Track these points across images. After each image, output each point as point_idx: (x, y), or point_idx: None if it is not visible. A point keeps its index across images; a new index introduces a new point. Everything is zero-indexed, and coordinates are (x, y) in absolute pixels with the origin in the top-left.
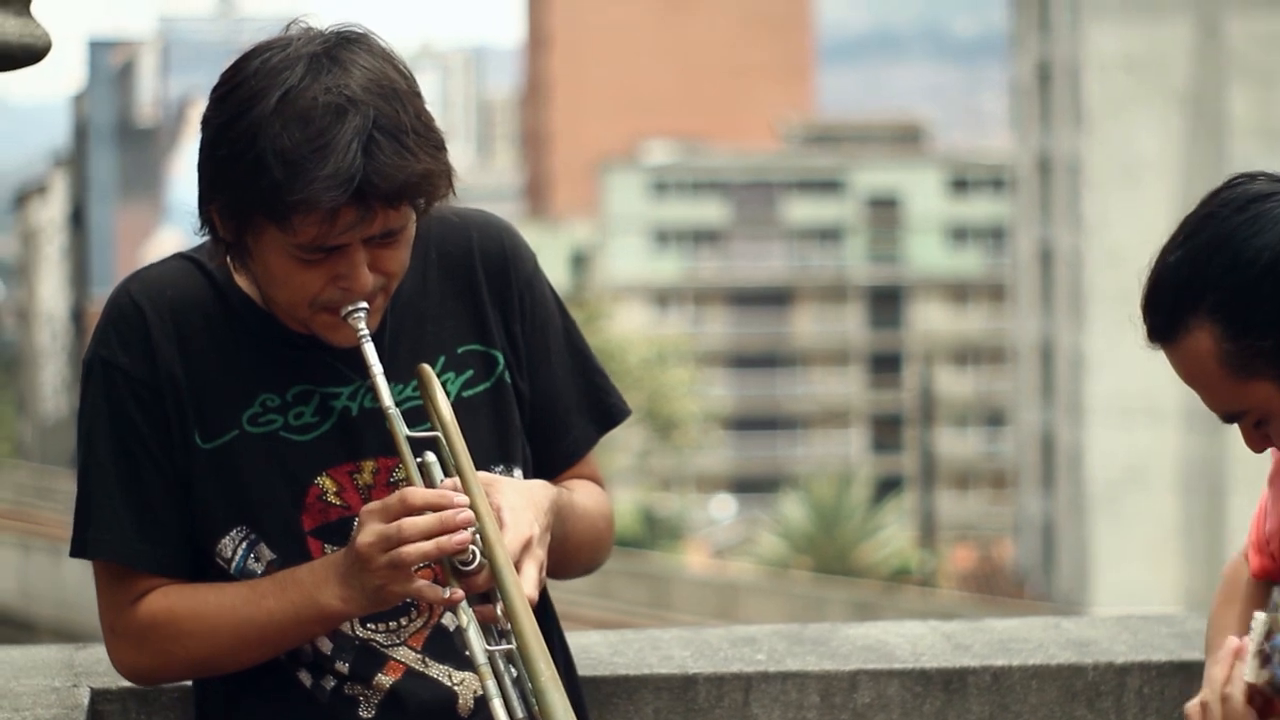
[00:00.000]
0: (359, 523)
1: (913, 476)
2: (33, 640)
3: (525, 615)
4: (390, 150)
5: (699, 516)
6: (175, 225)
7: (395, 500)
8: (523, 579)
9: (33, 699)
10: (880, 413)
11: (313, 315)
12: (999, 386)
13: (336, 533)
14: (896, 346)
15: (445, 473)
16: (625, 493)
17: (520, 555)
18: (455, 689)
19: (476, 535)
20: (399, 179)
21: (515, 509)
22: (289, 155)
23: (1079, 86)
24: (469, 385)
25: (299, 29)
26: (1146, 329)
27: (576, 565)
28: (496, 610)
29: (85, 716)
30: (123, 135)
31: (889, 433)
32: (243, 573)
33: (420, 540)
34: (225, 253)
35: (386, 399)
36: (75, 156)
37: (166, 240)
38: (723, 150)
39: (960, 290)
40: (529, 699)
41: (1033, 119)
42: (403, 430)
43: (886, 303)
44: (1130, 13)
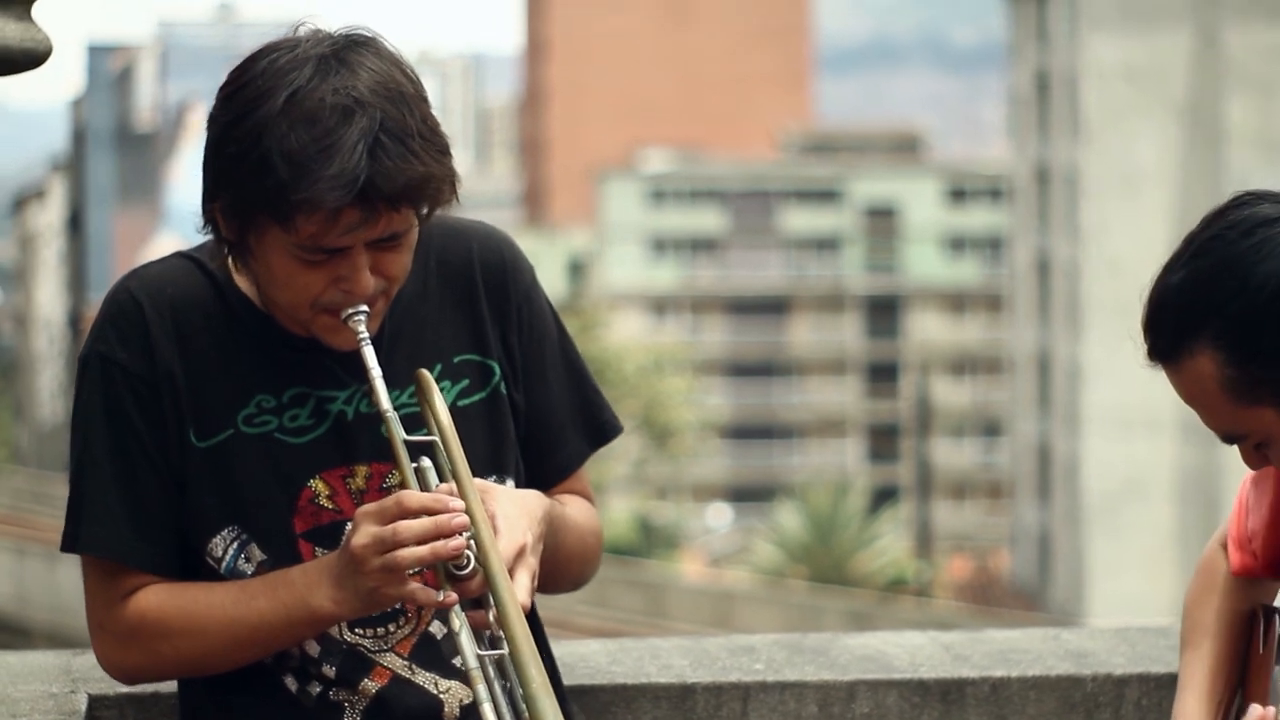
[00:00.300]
0: (354, 524)
1: (909, 486)
2: (27, 645)
3: (518, 621)
4: (396, 153)
5: (695, 525)
6: (173, 230)
7: (391, 503)
8: (515, 586)
9: (30, 705)
10: (877, 422)
11: (313, 317)
12: (996, 397)
13: (328, 536)
14: (893, 356)
15: (440, 479)
16: (621, 501)
17: (513, 562)
18: (441, 697)
19: (471, 540)
20: (403, 182)
21: (509, 517)
22: (294, 155)
23: (1077, 96)
24: (465, 394)
25: (307, 31)
26: (1147, 347)
27: (565, 579)
28: (489, 616)
29: None
30: (121, 140)
31: (885, 442)
32: (233, 573)
33: (415, 544)
34: (227, 253)
35: (385, 402)
36: (73, 161)
37: (165, 245)
38: (721, 159)
39: (958, 300)
40: (518, 706)
41: (1031, 129)
42: (400, 434)
43: (884, 312)
44: (1129, 23)
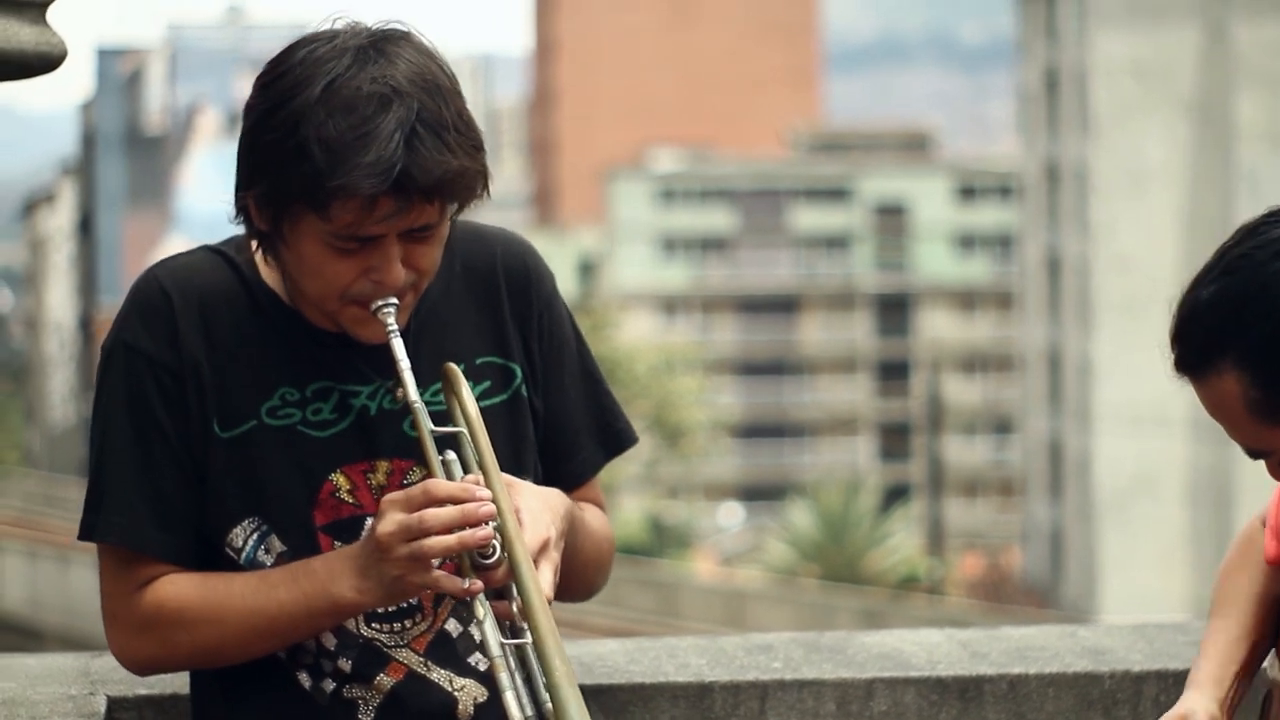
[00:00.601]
0: (380, 511)
1: (921, 484)
2: (40, 648)
3: (542, 611)
4: (432, 144)
5: (707, 524)
6: (183, 233)
7: (418, 491)
8: (539, 578)
9: (49, 707)
10: (888, 420)
11: (342, 308)
12: (1007, 394)
13: (347, 530)
14: (904, 354)
15: (466, 472)
16: (633, 501)
17: (537, 556)
18: (456, 695)
19: (497, 531)
20: (438, 174)
21: (534, 511)
22: (331, 142)
23: (1086, 93)
24: (486, 396)
25: (345, 23)
26: (1174, 359)
27: (580, 585)
28: (512, 607)
29: None
30: (131, 143)
31: (897, 440)
32: (252, 564)
33: (442, 532)
34: (257, 244)
35: (413, 393)
36: (83, 165)
37: (174, 248)
38: (730, 158)
39: (968, 298)
40: (539, 696)
41: (1040, 126)
42: (427, 425)
43: (894, 310)
44: (1137, 19)
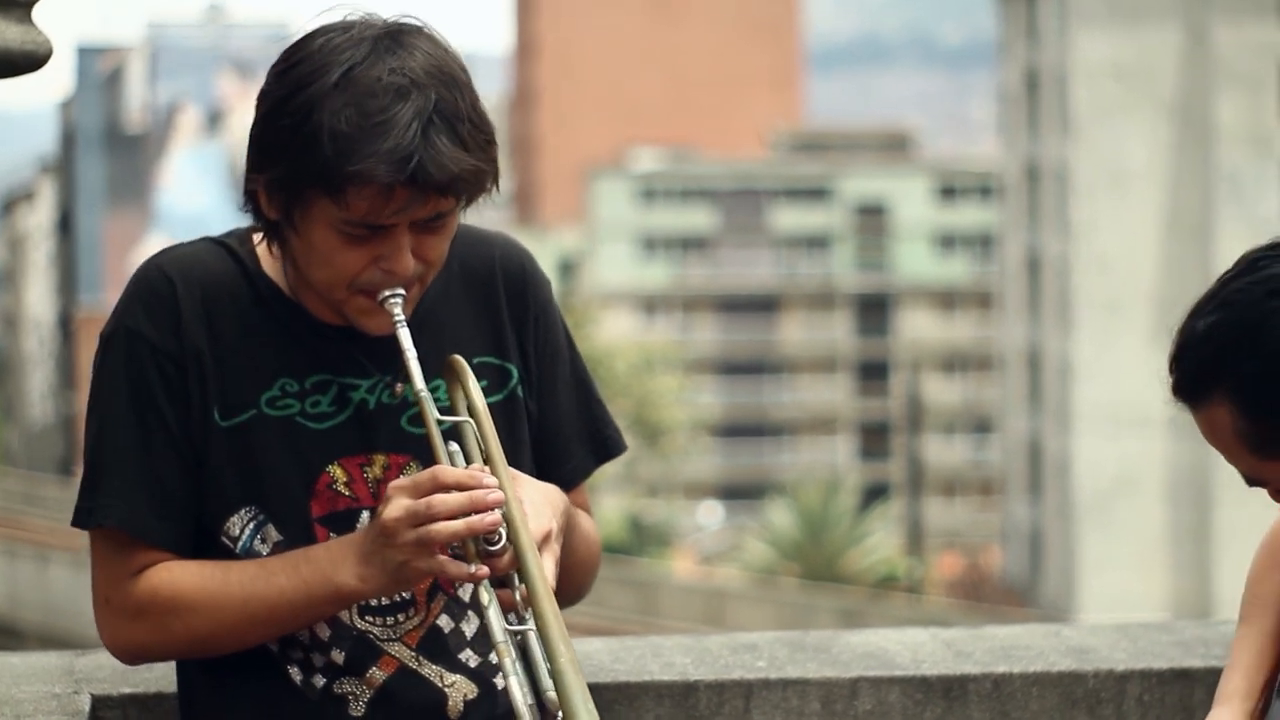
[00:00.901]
0: (386, 497)
1: (900, 484)
2: (19, 647)
3: (547, 597)
4: (447, 136)
5: (686, 523)
6: (163, 231)
7: (425, 477)
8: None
9: (34, 705)
10: (868, 420)
11: (349, 297)
12: (987, 394)
13: (343, 522)
14: (884, 354)
15: (469, 463)
16: (613, 499)
17: (539, 547)
18: (446, 690)
19: (503, 517)
20: (453, 165)
21: (535, 503)
22: (349, 129)
23: (1067, 94)
24: (483, 395)
25: (360, 15)
26: (1171, 384)
27: (570, 586)
28: (515, 595)
29: None
30: (111, 141)
31: (876, 440)
32: (248, 553)
33: (450, 518)
34: (265, 233)
35: (419, 382)
36: (63, 163)
37: (155, 246)
38: (711, 157)
39: (948, 298)
40: (540, 684)
41: (1020, 126)
42: (433, 413)
43: (874, 310)
44: (1118, 20)
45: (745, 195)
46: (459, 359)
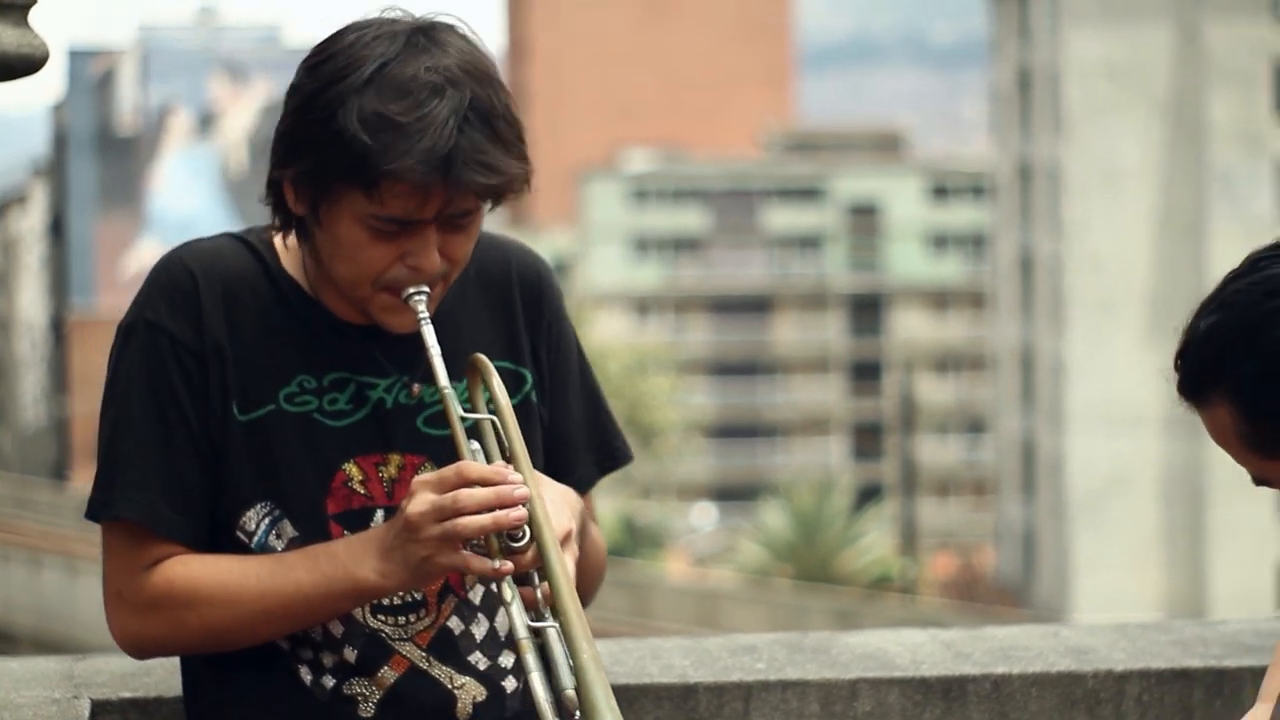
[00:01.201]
0: (410, 492)
1: (893, 484)
2: (12, 651)
3: (570, 594)
4: (483, 133)
5: (680, 525)
6: (155, 235)
7: (451, 472)
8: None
9: (33, 710)
10: (861, 420)
11: (373, 294)
12: (980, 394)
13: (357, 520)
14: (877, 354)
15: (489, 461)
16: (606, 501)
17: (560, 545)
18: (455, 692)
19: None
20: (491, 162)
21: (555, 503)
22: (386, 123)
23: (1059, 92)
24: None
25: (392, 13)
26: (1177, 383)
27: (578, 591)
28: (536, 594)
29: None
30: (102, 144)
31: (870, 440)
32: (264, 548)
33: (476, 513)
34: (288, 228)
35: (443, 379)
36: (54, 166)
37: (146, 250)
38: (703, 158)
39: (941, 297)
40: (559, 682)
41: (1013, 125)
42: (457, 410)
43: (867, 310)
44: (1110, 19)
45: (737, 196)
46: (482, 357)
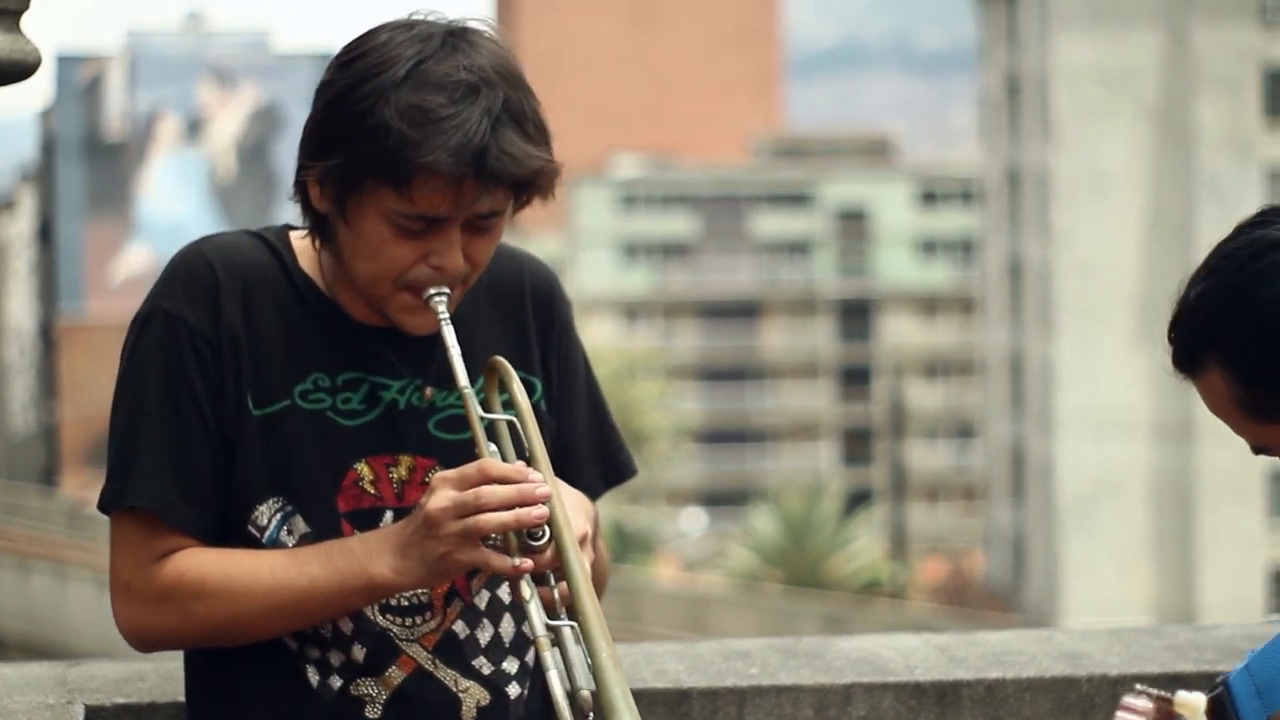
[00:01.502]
0: (431, 489)
1: (883, 489)
2: (1, 656)
3: (588, 594)
4: (515, 133)
5: (669, 529)
6: (144, 240)
7: (473, 469)
8: None
9: (27, 716)
10: (850, 425)
11: (394, 294)
12: (969, 399)
13: (366, 519)
14: (866, 359)
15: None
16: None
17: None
18: (460, 696)
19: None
20: (517, 164)
21: (572, 507)
22: (420, 119)
23: (1047, 98)
24: (508, 407)
25: (423, 15)
26: (1171, 355)
27: None
28: (553, 593)
29: None
30: (91, 150)
31: (859, 445)
32: (275, 543)
33: (498, 510)
34: (311, 225)
35: (463, 378)
36: (43, 171)
37: (135, 256)
38: (692, 164)
39: (930, 303)
40: (573, 682)
41: (1001, 131)
42: (477, 410)
43: (856, 316)
44: (1099, 24)
45: (726, 201)
46: (503, 360)
